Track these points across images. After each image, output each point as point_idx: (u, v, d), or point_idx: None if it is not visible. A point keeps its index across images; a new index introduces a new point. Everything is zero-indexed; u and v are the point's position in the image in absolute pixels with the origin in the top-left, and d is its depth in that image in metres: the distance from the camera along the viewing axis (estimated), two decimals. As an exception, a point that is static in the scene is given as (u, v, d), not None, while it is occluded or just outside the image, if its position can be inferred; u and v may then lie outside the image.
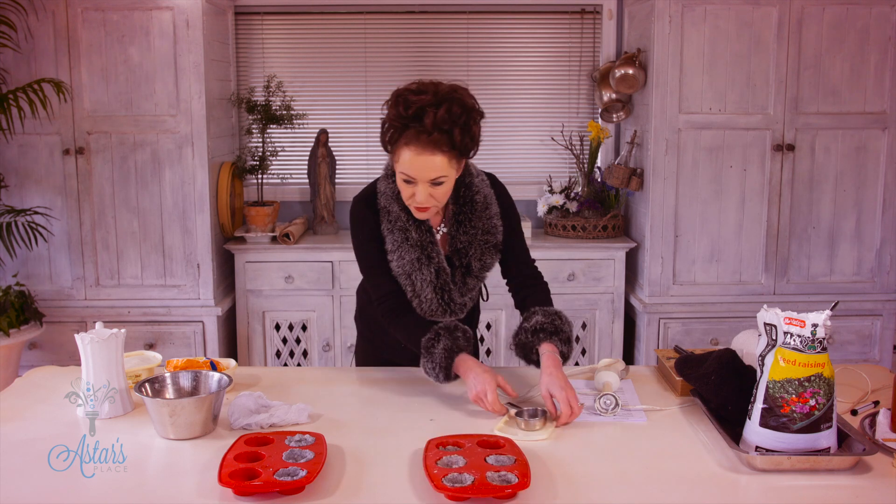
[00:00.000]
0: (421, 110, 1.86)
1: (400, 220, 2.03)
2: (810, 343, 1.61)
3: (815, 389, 1.60)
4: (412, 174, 1.90)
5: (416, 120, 1.87)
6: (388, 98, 1.94)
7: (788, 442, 1.61)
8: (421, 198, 1.92)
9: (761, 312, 1.68)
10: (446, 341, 1.93)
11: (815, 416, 1.60)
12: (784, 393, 1.61)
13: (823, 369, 1.61)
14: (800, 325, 1.61)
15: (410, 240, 2.02)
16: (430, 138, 1.87)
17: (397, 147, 1.91)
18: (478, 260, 2.08)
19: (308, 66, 4.23)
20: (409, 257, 2.02)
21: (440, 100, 1.87)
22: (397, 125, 1.90)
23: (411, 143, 1.88)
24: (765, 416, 1.63)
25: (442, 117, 1.85)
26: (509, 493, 1.46)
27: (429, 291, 2.03)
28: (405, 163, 1.90)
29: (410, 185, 1.93)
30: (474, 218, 2.06)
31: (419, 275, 2.03)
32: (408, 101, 1.88)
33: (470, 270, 2.08)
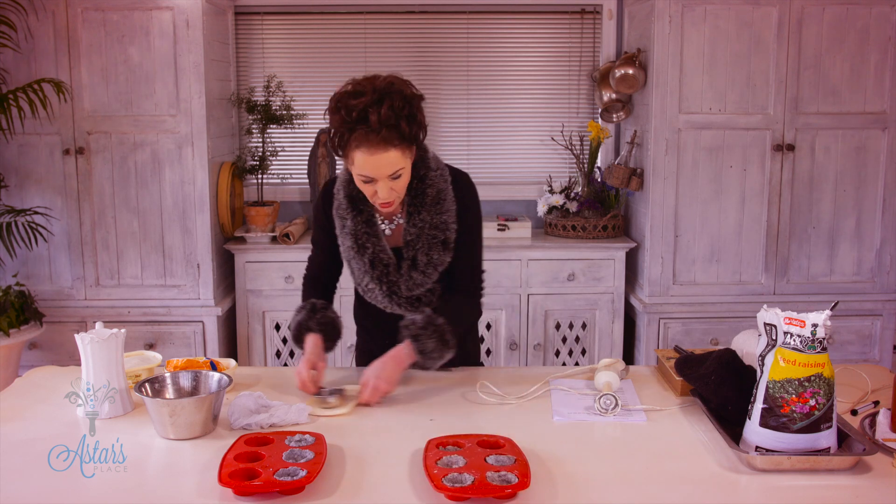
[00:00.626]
0: (364, 112, 1.86)
1: (341, 208, 2.10)
2: (810, 343, 1.61)
3: (815, 389, 1.60)
4: (370, 174, 1.91)
5: (362, 122, 1.86)
6: (328, 104, 1.94)
7: (788, 442, 1.61)
8: (383, 194, 1.94)
9: (761, 312, 1.68)
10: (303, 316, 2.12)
11: (815, 416, 1.60)
12: (784, 393, 1.61)
13: (823, 369, 1.61)
14: (800, 325, 1.61)
15: (346, 227, 2.09)
16: (380, 136, 1.86)
17: (348, 150, 1.92)
18: (424, 254, 2.06)
19: (308, 66, 4.23)
20: (346, 244, 2.11)
21: (380, 97, 1.87)
22: (343, 130, 1.90)
23: (362, 144, 1.88)
24: (765, 416, 1.63)
25: (386, 114, 1.85)
26: (509, 493, 1.46)
27: (367, 280, 2.10)
28: (361, 164, 1.91)
29: (370, 184, 1.95)
30: (423, 211, 2.06)
31: (355, 263, 2.11)
32: (349, 105, 1.87)
33: (416, 264, 2.07)
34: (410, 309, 2.11)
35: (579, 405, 1.94)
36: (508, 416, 1.89)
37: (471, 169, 4.28)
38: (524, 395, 2.00)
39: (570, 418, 1.87)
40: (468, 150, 4.30)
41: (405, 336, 2.00)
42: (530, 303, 3.84)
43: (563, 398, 1.99)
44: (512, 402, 1.97)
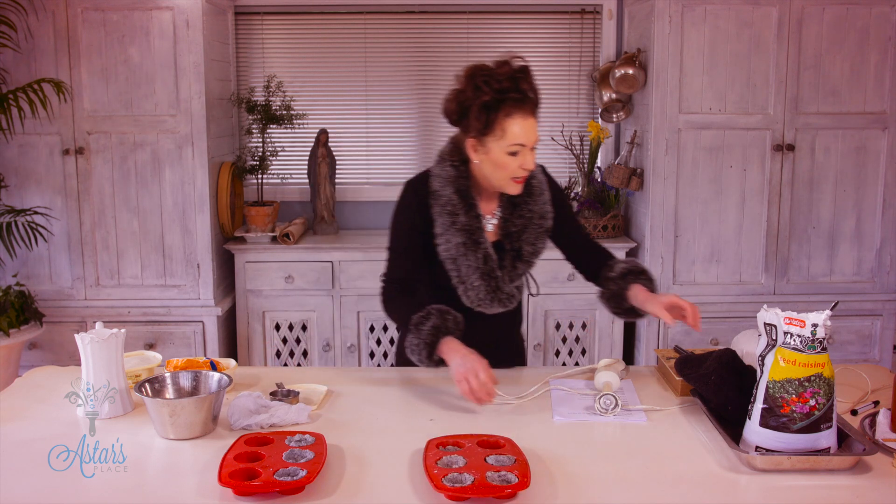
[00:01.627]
0: (514, 79, 1.94)
1: (450, 204, 2.05)
2: (810, 343, 1.61)
3: (816, 389, 1.60)
4: (523, 140, 1.96)
5: (512, 90, 1.93)
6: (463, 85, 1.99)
7: (788, 442, 1.61)
8: (531, 162, 1.99)
9: (761, 312, 1.68)
10: (436, 320, 1.95)
11: (815, 416, 1.60)
12: (784, 393, 1.61)
13: (823, 369, 1.61)
14: (800, 325, 1.61)
15: (458, 223, 2.05)
16: (527, 104, 1.96)
17: (498, 122, 1.95)
18: (530, 244, 2.11)
19: (308, 66, 4.23)
20: (456, 241, 2.05)
21: (522, 68, 1.97)
22: (492, 101, 1.94)
23: (513, 112, 1.95)
24: (765, 416, 1.63)
25: (532, 83, 1.97)
26: (509, 493, 1.46)
27: (475, 277, 2.06)
28: (515, 133, 1.95)
29: (517, 155, 1.97)
30: (530, 202, 2.11)
31: (465, 259, 2.05)
32: (494, 75, 1.95)
33: (520, 254, 2.11)
34: (504, 305, 2.12)
35: (579, 405, 1.94)
36: (508, 416, 1.89)
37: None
38: (524, 395, 2.00)
39: (571, 418, 1.87)
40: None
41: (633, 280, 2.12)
42: (530, 303, 3.84)
43: (563, 398, 1.99)
44: (512, 401, 1.97)
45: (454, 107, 2.02)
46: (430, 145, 4.30)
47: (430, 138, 4.29)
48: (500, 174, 2.01)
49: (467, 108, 1.99)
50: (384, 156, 4.29)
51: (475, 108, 1.96)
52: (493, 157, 1.99)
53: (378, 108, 4.26)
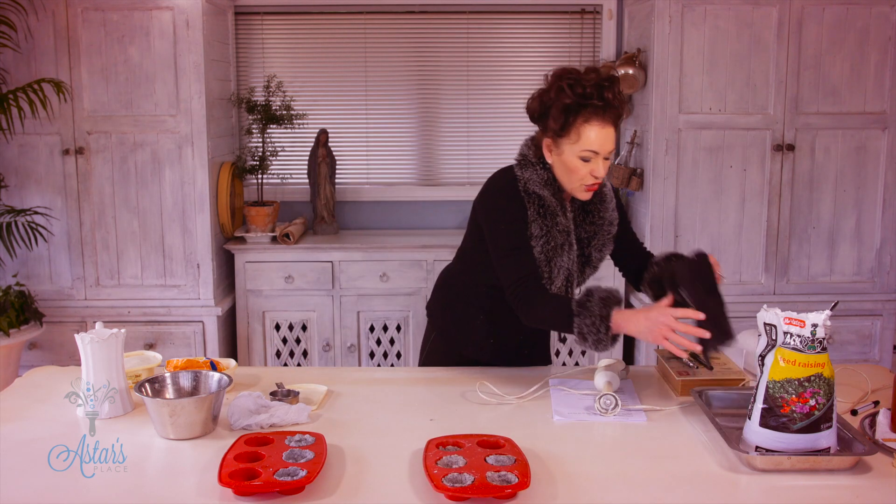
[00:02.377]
0: (598, 88, 1.95)
1: (551, 206, 2.06)
2: (810, 343, 1.61)
3: (815, 389, 1.60)
4: (597, 148, 1.97)
5: (595, 97, 1.94)
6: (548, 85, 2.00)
7: (788, 442, 1.61)
8: (602, 171, 1.99)
9: (761, 312, 1.68)
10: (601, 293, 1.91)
11: (815, 416, 1.60)
12: (784, 393, 1.61)
13: (823, 369, 1.61)
14: (800, 325, 1.61)
15: (559, 225, 2.06)
16: (608, 112, 1.96)
17: (574, 127, 1.97)
18: (598, 250, 2.15)
19: (308, 66, 4.23)
20: (555, 243, 2.05)
21: (611, 78, 1.98)
22: (573, 105, 1.95)
23: (592, 118, 1.96)
24: (765, 416, 1.63)
25: (617, 94, 1.97)
26: (509, 493, 1.46)
27: (561, 279, 2.07)
28: (590, 139, 1.96)
29: (589, 162, 1.98)
30: (602, 209, 2.13)
31: (559, 260, 2.05)
32: (581, 81, 1.96)
33: (590, 260, 2.15)
34: None
35: (579, 405, 1.94)
36: (508, 417, 1.89)
37: (471, 169, 4.30)
38: (524, 395, 2.00)
39: (570, 418, 1.87)
40: (468, 149, 4.30)
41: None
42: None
43: (563, 398, 1.99)
44: (512, 401, 1.97)
45: (536, 105, 2.04)
46: (430, 145, 4.30)
47: (430, 138, 4.29)
48: (571, 178, 2.02)
49: (548, 107, 2.00)
50: (384, 156, 4.30)
51: (555, 108, 1.98)
52: (565, 159, 2.01)
53: (378, 108, 4.26)
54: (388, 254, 3.83)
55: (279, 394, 1.96)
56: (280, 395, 1.96)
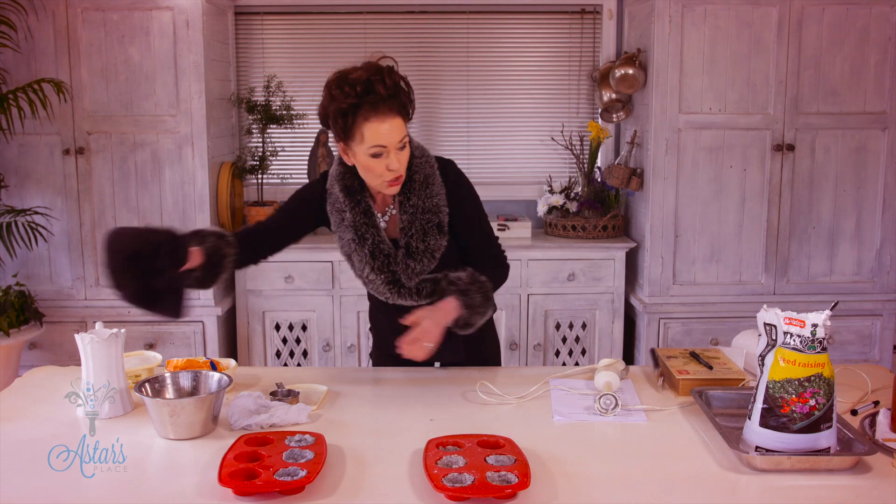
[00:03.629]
0: (369, 82, 1.92)
1: (338, 202, 2.10)
2: (810, 343, 1.61)
3: (816, 389, 1.60)
4: (383, 142, 1.93)
5: (369, 93, 1.91)
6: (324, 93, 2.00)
7: (788, 442, 1.61)
8: (396, 163, 1.96)
9: (761, 313, 1.68)
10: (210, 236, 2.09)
11: (815, 416, 1.60)
12: (784, 393, 1.61)
13: (823, 369, 1.61)
14: (800, 325, 1.61)
15: (346, 220, 2.09)
16: (387, 104, 1.92)
17: (356, 127, 1.94)
18: (420, 241, 2.06)
19: (308, 66, 4.23)
20: (346, 237, 2.10)
21: (378, 69, 1.95)
22: (349, 106, 1.93)
23: (371, 115, 1.92)
24: (765, 416, 1.63)
25: (390, 83, 1.93)
26: (509, 493, 1.46)
27: (368, 271, 2.09)
28: (373, 135, 1.92)
29: (381, 157, 1.95)
30: (413, 197, 2.06)
31: (356, 255, 2.10)
32: (351, 80, 1.93)
33: (411, 252, 2.07)
34: (414, 299, 2.10)
35: (579, 405, 1.94)
36: (508, 416, 1.89)
37: (471, 169, 4.30)
38: (524, 395, 2.00)
39: (571, 418, 1.87)
40: (468, 150, 4.30)
41: (451, 292, 2.00)
42: (530, 303, 3.84)
43: (563, 398, 1.99)
44: (512, 401, 1.97)
45: (321, 114, 2.02)
46: (429, 145, 4.30)
47: (430, 138, 4.29)
48: (370, 176, 2.00)
49: (326, 115, 1.99)
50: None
51: (332, 115, 1.97)
52: (360, 160, 1.98)
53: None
54: (388, 254, 3.82)
55: (279, 394, 1.96)
56: (280, 395, 1.96)
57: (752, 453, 1.62)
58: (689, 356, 2.18)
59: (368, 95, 1.91)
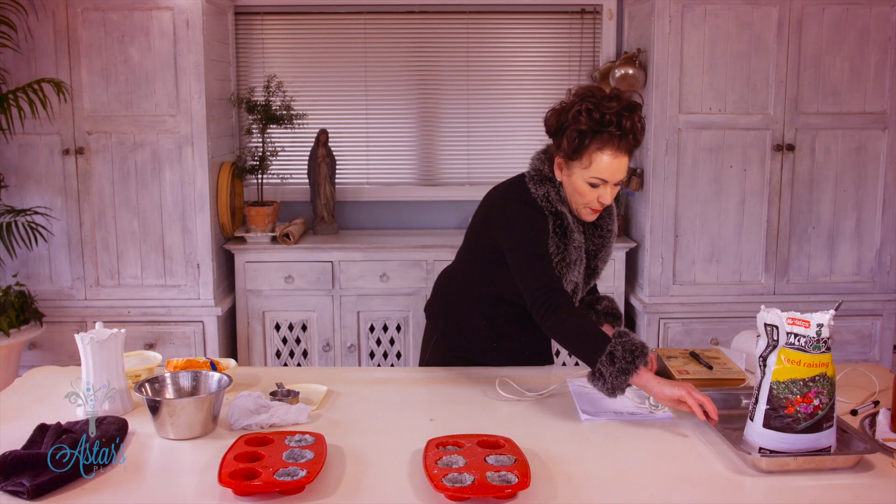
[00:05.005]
0: (618, 116, 1.94)
1: (569, 223, 2.07)
2: (815, 343, 1.61)
3: (819, 389, 1.60)
4: (607, 177, 1.98)
5: (612, 125, 1.94)
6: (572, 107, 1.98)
7: (792, 442, 1.61)
8: (609, 198, 2.02)
9: (761, 313, 1.68)
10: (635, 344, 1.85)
11: (818, 416, 1.60)
12: (789, 394, 1.61)
13: (827, 369, 1.61)
14: (804, 325, 1.61)
15: (575, 242, 2.07)
16: (623, 142, 1.96)
17: (587, 152, 1.97)
18: (603, 262, 2.19)
19: (308, 66, 4.23)
20: (570, 259, 2.06)
21: (631, 106, 1.97)
22: (589, 131, 1.95)
23: (606, 146, 1.96)
24: (769, 417, 1.63)
25: (636, 124, 1.96)
26: (509, 493, 1.46)
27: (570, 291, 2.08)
28: (601, 167, 1.97)
29: (597, 188, 2.00)
30: (609, 221, 2.17)
31: (570, 276, 2.06)
32: (604, 107, 1.95)
33: (595, 272, 2.18)
34: None
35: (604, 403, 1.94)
36: (509, 416, 1.89)
37: (471, 169, 4.30)
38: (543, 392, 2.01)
39: (600, 417, 1.87)
40: (468, 150, 4.30)
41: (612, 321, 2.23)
42: (530, 303, 3.83)
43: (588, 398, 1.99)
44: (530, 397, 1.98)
45: (554, 121, 2.03)
46: (429, 145, 4.30)
47: (430, 138, 4.29)
48: (578, 198, 2.05)
49: (565, 127, 2.00)
50: (384, 156, 4.29)
51: (571, 130, 1.98)
52: (574, 181, 2.02)
53: (378, 108, 4.26)
54: (388, 254, 3.83)
55: (279, 394, 1.96)
56: (280, 395, 1.96)
57: (756, 454, 1.62)
58: (689, 356, 2.18)
59: (611, 127, 1.94)
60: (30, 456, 1.55)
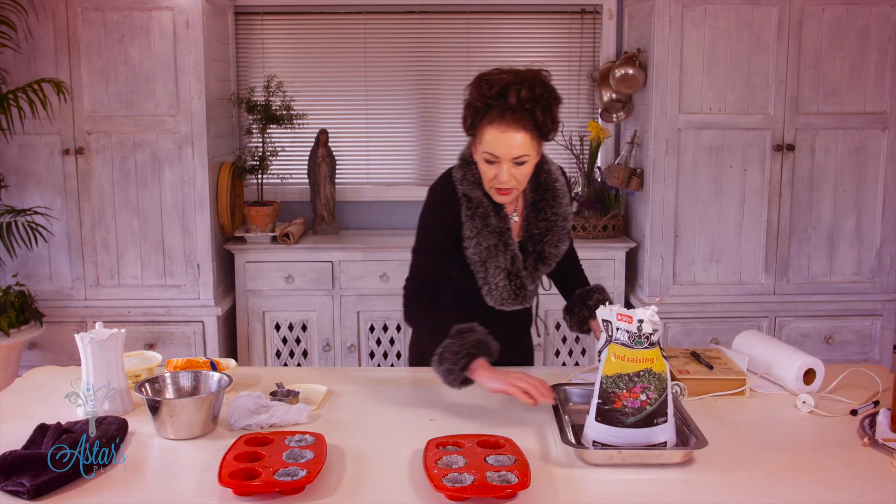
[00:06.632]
0: (504, 88, 1.90)
1: (481, 207, 2.03)
2: (637, 338, 1.62)
3: (645, 384, 1.62)
4: (496, 152, 1.92)
5: (500, 98, 1.90)
6: (470, 83, 1.98)
7: (622, 436, 1.62)
8: (504, 177, 1.94)
9: (601, 309, 1.70)
10: (482, 336, 1.91)
11: (647, 411, 1.62)
12: (616, 388, 1.63)
13: (653, 364, 1.62)
14: (628, 320, 1.63)
15: (490, 226, 2.03)
16: (514, 116, 1.90)
17: (480, 127, 1.94)
18: (553, 246, 2.11)
19: (308, 66, 4.23)
20: (487, 244, 2.03)
21: (522, 79, 1.92)
22: (480, 105, 1.93)
23: (494, 121, 1.91)
24: (600, 410, 1.65)
25: (525, 95, 1.90)
26: (509, 493, 1.46)
27: (501, 278, 2.04)
28: (489, 142, 1.92)
29: (493, 165, 1.94)
30: (555, 204, 2.10)
31: (494, 262, 2.04)
32: (491, 80, 1.92)
33: (543, 257, 2.11)
34: (524, 303, 2.11)
35: None
36: (509, 416, 1.89)
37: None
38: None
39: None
40: (468, 150, 4.30)
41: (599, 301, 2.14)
42: (530, 303, 3.83)
43: None
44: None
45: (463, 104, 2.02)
46: (430, 145, 4.30)
47: (430, 138, 4.29)
48: (484, 180, 2.00)
49: (465, 107, 2.00)
50: (384, 156, 4.30)
51: (465, 107, 1.98)
52: (477, 159, 2.00)
53: (378, 108, 4.26)
54: (388, 254, 3.83)
55: (279, 394, 1.96)
56: (280, 395, 1.96)
57: (590, 448, 1.64)
58: (689, 356, 2.18)
59: (499, 101, 1.90)
60: (30, 456, 1.55)
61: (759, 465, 1.63)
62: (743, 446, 1.73)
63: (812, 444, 1.75)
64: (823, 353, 3.64)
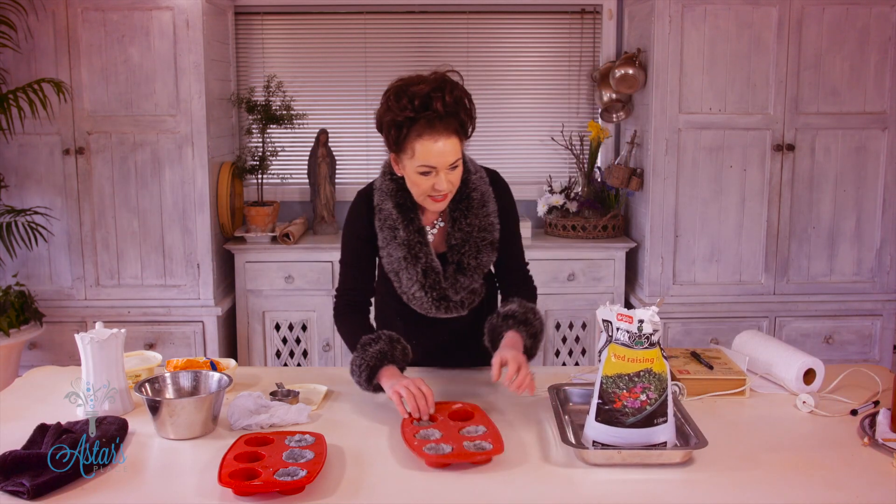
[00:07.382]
0: (427, 98, 1.85)
1: (390, 219, 2.02)
2: (637, 338, 1.63)
3: (646, 385, 1.62)
4: (433, 163, 1.88)
5: (424, 109, 1.85)
6: (382, 100, 1.93)
7: (623, 436, 1.63)
8: (444, 185, 1.91)
9: (600, 309, 1.70)
10: (384, 346, 1.93)
11: (647, 411, 1.62)
12: (616, 388, 1.64)
13: (653, 364, 1.63)
14: (628, 321, 1.63)
15: (398, 238, 2.02)
16: (442, 123, 1.86)
17: (408, 142, 1.89)
18: (473, 258, 2.04)
19: (308, 66, 4.23)
20: (397, 255, 2.02)
21: (440, 85, 1.88)
22: (402, 120, 1.87)
23: (424, 133, 1.86)
24: (600, 410, 1.65)
25: (449, 101, 1.87)
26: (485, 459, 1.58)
27: (416, 289, 2.03)
28: (424, 154, 1.87)
29: (429, 175, 1.90)
30: (470, 215, 2.04)
31: (405, 273, 2.03)
32: (410, 93, 1.86)
33: (462, 268, 2.04)
34: (456, 312, 2.09)
35: None
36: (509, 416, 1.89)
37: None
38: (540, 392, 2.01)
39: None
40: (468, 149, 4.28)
41: (511, 326, 1.99)
42: (530, 303, 3.83)
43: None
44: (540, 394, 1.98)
45: (375, 120, 1.97)
46: (430, 145, 4.29)
47: (430, 138, 4.29)
48: (416, 191, 1.96)
49: (381, 124, 1.94)
50: (384, 156, 4.26)
51: (385, 125, 1.92)
52: (407, 173, 1.94)
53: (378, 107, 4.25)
54: (388, 254, 3.82)
55: (279, 394, 1.96)
56: (280, 395, 1.96)
57: (590, 448, 1.64)
58: (689, 356, 2.18)
59: (425, 111, 1.85)
60: (30, 456, 1.55)
61: (759, 465, 1.63)
62: (743, 446, 1.73)
63: (812, 444, 1.74)
64: (823, 353, 3.64)
